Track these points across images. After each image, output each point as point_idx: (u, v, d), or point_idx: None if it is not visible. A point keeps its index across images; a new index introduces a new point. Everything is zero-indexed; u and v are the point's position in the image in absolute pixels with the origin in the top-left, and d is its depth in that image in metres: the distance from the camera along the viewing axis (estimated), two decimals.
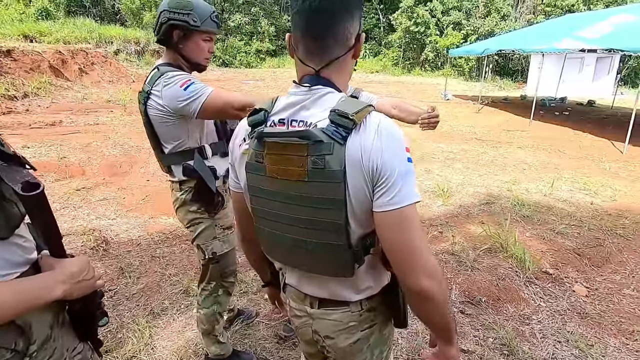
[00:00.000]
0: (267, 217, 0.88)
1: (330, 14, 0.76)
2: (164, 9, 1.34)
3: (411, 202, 0.74)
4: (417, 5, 20.43)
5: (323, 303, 0.92)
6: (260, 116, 0.85)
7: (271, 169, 0.81)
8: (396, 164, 0.74)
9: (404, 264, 0.76)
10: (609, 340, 2.21)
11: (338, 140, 0.73)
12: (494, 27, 18.64)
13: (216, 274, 1.61)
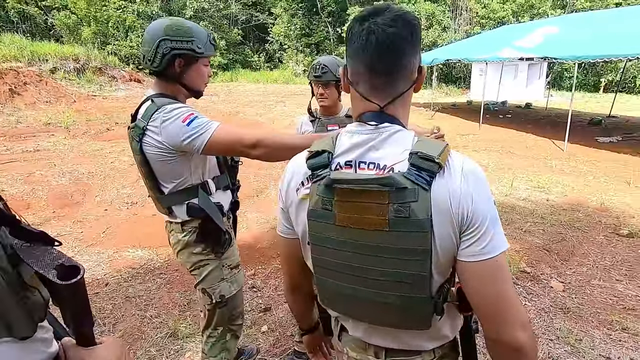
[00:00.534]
0: (332, 268, 0.79)
1: (398, 49, 0.72)
2: (161, 37, 1.21)
3: (503, 250, 0.70)
4: None
5: (391, 353, 0.85)
6: (323, 159, 0.77)
7: (342, 217, 0.73)
8: (487, 210, 0.69)
9: (498, 316, 0.70)
10: (594, 332, 2.35)
11: (423, 185, 0.67)
12: (436, 38, 19.86)
13: (223, 319, 1.46)
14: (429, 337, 0.82)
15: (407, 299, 0.73)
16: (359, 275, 0.75)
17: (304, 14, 25.67)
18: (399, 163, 0.71)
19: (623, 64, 14.31)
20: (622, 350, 2.20)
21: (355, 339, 0.89)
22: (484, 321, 0.73)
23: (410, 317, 0.76)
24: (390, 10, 0.73)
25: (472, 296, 0.72)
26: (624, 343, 2.25)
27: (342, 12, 24.65)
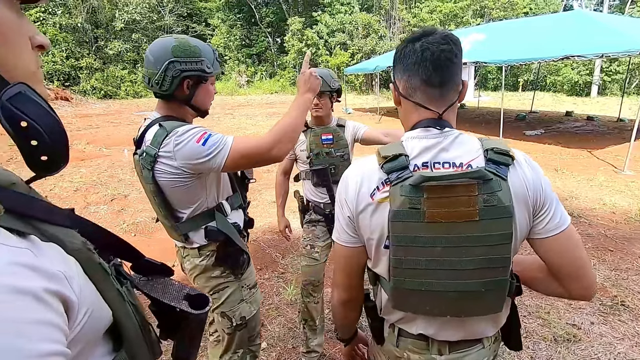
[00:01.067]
0: (418, 266, 0.81)
1: (450, 63, 0.81)
2: (170, 59, 1.15)
3: (569, 221, 0.83)
4: (305, 28, 21.66)
5: (454, 346, 0.89)
6: (402, 161, 0.81)
7: (433, 213, 0.77)
8: (552, 193, 0.82)
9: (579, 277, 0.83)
10: (558, 305, 2.64)
11: (502, 176, 0.76)
12: (374, 46, 20.87)
13: (243, 340, 1.42)
14: (493, 322, 0.89)
15: (492, 283, 0.79)
16: (447, 268, 0.79)
17: (243, 25, 25.47)
18: (475, 160, 0.80)
19: (536, 66, 16.18)
20: (583, 316, 2.51)
21: (417, 340, 0.91)
22: (566, 283, 0.85)
23: (490, 301, 0.82)
24: (438, 31, 0.83)
25: (556, 266, 0.84)
26: (583, 310, 2.57)
27: (282, 23, 24.88)
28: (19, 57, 0.41)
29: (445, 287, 0.81)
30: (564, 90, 19.54)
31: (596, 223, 4.02)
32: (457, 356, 0.89)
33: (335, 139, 1.99)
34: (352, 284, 0.96)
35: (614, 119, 10.44)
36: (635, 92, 16.38)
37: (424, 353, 0.91)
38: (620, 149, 7.04)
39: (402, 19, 22.11)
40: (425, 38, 0.82)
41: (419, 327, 0.90)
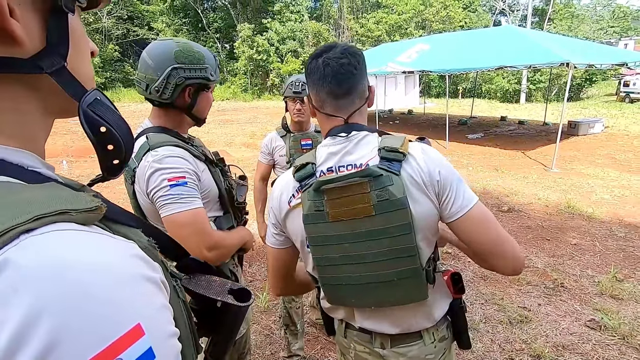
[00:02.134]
0: (335, 262, 0.89)
1: (351, 75, 0.88)
2: (172, 65, 1.06)
3: (475, 200, 0.85)
4: (255, 35, 21.54)
5: (395, 340, 0.95)
6: (309, 169, 0.89)
7: (334, 213, 0.84)
8: (451, 174, 0.85)
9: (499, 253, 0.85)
10: (510, 290, 2.92)
11: (394, 171, 0.82)
12: None
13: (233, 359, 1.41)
14: (429, 315, 0.95)
15: (403, 271, 0.85)
16: (359, 262, 0.87)
17: (189, 30, 24.71)
18: (372, 159, 0.86)
19: (473, 75, 17.59)
20: (531, 299, 2.80)
21: (361, 333, 0.98)
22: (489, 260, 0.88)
23: (409, 289, 0.87)
24: (338, 46, 0.90)
25: (472, 244, 0.87)
26: (531, 293, 2.87)
27: (230, 29, 24.52)
28: (87, 64, 0.43)
29: (360, 280, 0.88)
30: (497, 97, 21.44)
31: (534, 216, 4.49)
32: (399, 351, 0.96)
33: (314, 144, 2.05)
34: (281, 281, 1.06)
35: (541, 123, 11.67)
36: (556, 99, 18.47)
37: (367, 345, 0.98)
38: (547, 150, 7.90)
39: (350, 28, 22.87)
40: (326, 54, 0.88)
41: (357, 322, 0.98)
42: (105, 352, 0.27)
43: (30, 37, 0.35)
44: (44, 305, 0.25)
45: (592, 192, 5.29)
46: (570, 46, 8.51)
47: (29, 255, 0.27)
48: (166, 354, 0.31)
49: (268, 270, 1.08)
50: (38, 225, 0.28)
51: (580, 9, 29.87)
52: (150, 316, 0.31)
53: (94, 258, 0.29)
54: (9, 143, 0.36)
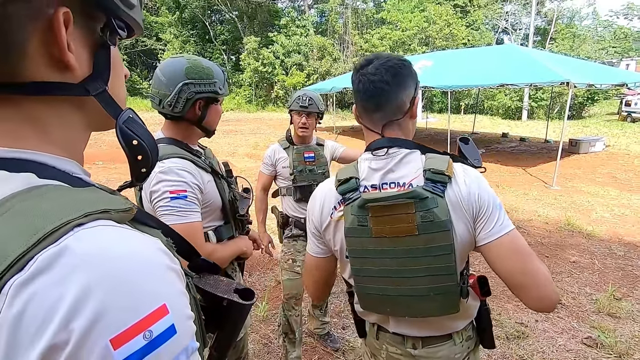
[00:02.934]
0: (373, 275, 0.93)
1: (382, 90, 0.90)
2: (183, 81, 1.13)
3: (512, 228, 0.86)
4: (261, 47, 21.94)
5: (427, 341, 0.99)
6: (352, 183, 0.92)
7: (377, 229, 0.88)
8: (490, 198, 0.87)
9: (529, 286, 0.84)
10: (507, 306, 2.94)
11: (439, 194, 0.84)
12: (329, 68, 21.66)
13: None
14: (460, 317, 0.97)
15: (440, 288, 0.88)
16: (397, 276, 0.90)
17: (197, 41, 25.17)
18: (415, 179, 0.89)
19: (475, 91, 17.79)
20: (528, 315, 2.81)
21: (393, 335, 1.02)
22: (517, 291, 0.87)
23: (443, 304, 0.90)
24: (376, 59, 0.92)
25: (502, 272, 0.86)
26: (528, 310, 2.85)
27: (237, 41, 24.98)
28: (122, 87, 0.51)
29: (398, 292, 0.92)
30: (499, 113, 21.63)
31: (534, 232, 4.51)
32: (430, 351, 0.99)
33: (317, 157, 2.12)
34: (320, 288, 1.11)
35: (542, 140, 11.76)
36: (558, 117, 18.62)
37: (400, 347, 1.02)
38: (548, 167, 7.95)
39: (354, 43, 23.25)
40: (363, 70, 0.92)
41: (391, 327, 1.02)
42: (138, 324, 0.33)
43: (80, 65, 0.43)
44: (94, 283, 0.32)
45: (592, 210, 5.31)
46: (571, 66, 8.66)
47: (82, 244, 0.33)
48: (185, 332, 0.37)
49: (307, 278, 1.12)
50: (87, 220, 0.35)
51: (582, 29, 30.32)
52: (173, 299, 0.37)
53: (130, 249, 0.36)
54: (58, 153, 0.43)
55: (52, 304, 0.30)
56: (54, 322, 0.30)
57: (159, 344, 0.34)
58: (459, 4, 27.03)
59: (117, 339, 0.31)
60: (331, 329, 2.54)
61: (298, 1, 27.59)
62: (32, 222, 0.33)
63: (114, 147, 9.73)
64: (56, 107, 0.43)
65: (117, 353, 0.31)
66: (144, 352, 0.33)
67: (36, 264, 0.31)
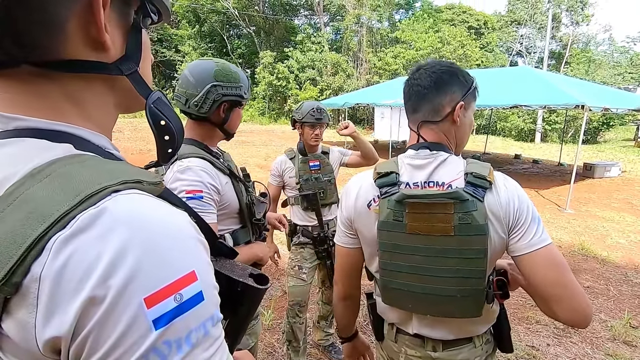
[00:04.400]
0: (402, 270, 0.93)
1: (420, 95, 0.97)
2: (212, 83, 1.16)
3: (549, 242, 0.86)
4: (277, 62, 22.39)
5: (447, 344, 0.99)
6: (392, 178, 0.94)
7: (413, 226, 0.89)
8: (528, 211, 0.87)
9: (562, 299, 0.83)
10: (518, 328, 2.85)
11: (479, 198, 0.85)
12: (342, 84, 21.92)
13: None
14: (482, 321, 0.99)
15: (467, 291, 0.89)
16: (426, 274, 0.91)
17: (214, 54, 25.80)
18: (456, 180, 0.90)
19: (488, 112, 17.75)
20: (540, 338, 2.73)
21: (413, 337, 1.02)
22: (548, 304, 0.86)
23: (468, 307, 0.91)
24: (425, 66, 0.99)
25: (534, 283, 0.86)
26: (540, 333, 2.80)
27: (253, 55, 25.56)
28: (150, 70, 0.54)
29: (424, 290, 0.92)
30: (512, 135, 21.47)
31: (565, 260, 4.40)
32: (450, 353, 0.99)
33: (322, 165, 2.14)
34: (350, 281, 1.10)
35: (555, 163, 11.59)
36: (572, 140, 18.40)
37: (419, 349, 1.01)
38: (561, 190, 7.81)
39: (368, 60, 23.57)
40: (412, 74, 1.01)
41: (414, 328, 1.01)
42: (170, 286, 0.34)
43: (114, 46, 0.45)
44: (131, 243, 0.33)
45: (607, 236, 5.18)
46: (586, 89, 8.60)
47: (118, 207, 0.35)
48: (212, 300, 0.38)
49: (336, 269, 1.13)
50: (123, 188, 0.37)
51: (598, 54, 30.26)
52: (202, 267, 0.38)
53: (163, 216, 0.38)
54: (93, 129, 0.46)
55: (92, 261, 0.32)
56: (93, 277, 0.32)
57: (188, 307, 0.35)
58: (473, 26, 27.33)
59: (150, 299, 0.33)
60: (336, 340, 2.50)
61: (314, 18, 28.22)
62: (74, 185, 0.35)
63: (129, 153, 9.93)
64: (92, 86, 0.45)
65: (150, 312, 0.33)
66: (174, 313, 0.34)
67: (78, 222, 0.33)
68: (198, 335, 0.36)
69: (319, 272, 2.32)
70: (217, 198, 1.19)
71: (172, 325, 0.34)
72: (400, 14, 31.45)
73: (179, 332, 0.34)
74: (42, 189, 0.35)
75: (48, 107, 0.42)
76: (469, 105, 0.98)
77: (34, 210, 0.33)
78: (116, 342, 0.32)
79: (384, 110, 15.32)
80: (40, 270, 0.32)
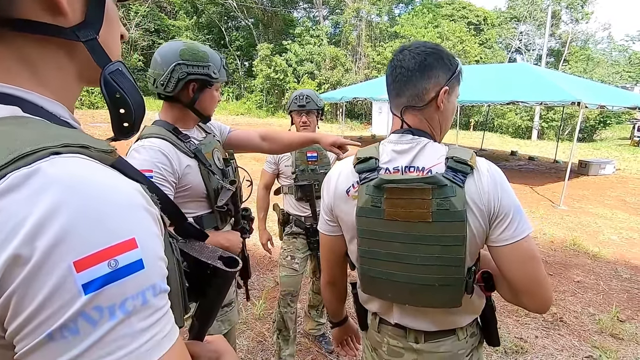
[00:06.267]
0: (380, 257, 0.91)
1: (401, 78, 0.92)
2: (176, 62, 1.16)
3: (528, 232, 0.84)
4: (274, 55, 22.22)
5: (429, 336, 0.97)
6: (371, 163, 0.91)
7: (391, 212, 0.86)
8: (511, 202, 0.84)
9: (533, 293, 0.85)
10: (507, 320, 2.88)
11: (458, 183, 0.82)
12: (340, 78, 21.82)
13: None
14: (464, 312, 0.96)
15: (446, 279, 0.86)
16: (405, 262, 0.89)
17: (212, 46, 25.53)
18: (436, 166, 0.87)
19: (485, 109, 17.76)
20: (528, 331, 2.76)
21: (395, 328, 1.00)
22: (519, 295, 0.87)
23: (446, 296, 0.89)
24: (412, 46, 0.93)
25: (508, 276, 0.86)
26: (529, 325, 2.83)
27: (251, 48, 25.34)
28: (115, 42, 0.51)
29: (402, 278, 0.90)
30: (508, 132, 21.50)
31: (539, 251, 4.44)
32: (432, 345, 0.97)
33: (320, 157, 2.12)
34: (333, 268, 1.09)
35: (551, 160, 11.64)
36: (568, 138, 18.45)
37: (401, 340, 1.00)
38: (556, 187, 7.85)
39: (367, 55, 23.44)
40: (396, 55, 0.95)
41: (394, 318, 1.00)
42: (104, 252, 0.33)
43: (72, 11, 0.44)
44: (61, 205, 0.33)
45: (600, 232, 5.22)
46: (583, 86, 8.63)
47: (55, 169, 0.34)
48: (154, 270, 0.37)
49: (321, 257, 1.13)
50: (65, 151, 0.36)
51: (596, 52, 30.25)
52: (145, 236, 0.37)
53: (106, 181, 0.37)
54: (49, 96, 0.44)
55: (18, 220, 0.31)
56: (18, 237, 0.31)
57: (123, 274, 0.34)
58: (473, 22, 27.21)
59: (80, 262, 0.32)
60: (327, 331, 2.52)
61: (313, 12, 27.99)
62: (9, 145, 0.34)
63: None
64: (48, 50, 0.44)
65: (79, 276, 0.32)
66: (107, 279, 0.33)
67: (8, 181, 0.32)
68: (135, 303, 0.35)
69: (311, 262, 2.33)
70: (173, 179, 1.18)
71: (104, 291, 0.33)
72: (400, 9, 31.25)
73: (112, 298, 0.33)
74: None
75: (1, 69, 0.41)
76: (453, 89, 0.94)
77: None
78: (42, 303, 0.31)
79: (381, 105, 15.27)
80: None
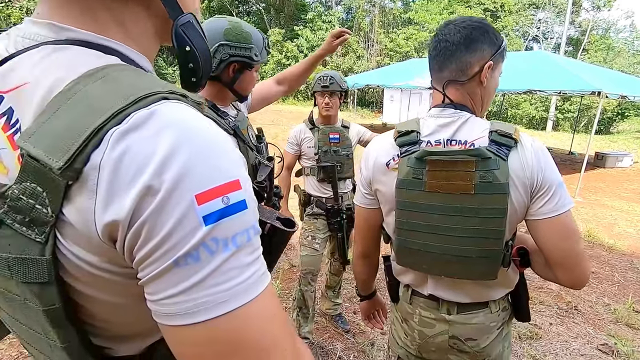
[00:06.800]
0: (418, 229, 0.93)
1: (445, 52, 0.92)
2: (220, 42, 1.15)
3: (570, 206, 0.85)
4: (285, 40, 22.01)
5: (462, 307, 0.99)
6: (413, 137, 0.92)
7: (432, 184, 0.88)
8: (554, 177, 0.85)
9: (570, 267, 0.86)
10: None
11: (502, 156, 0.83)
12: (352, 65, 21.58)
13: None
14: (498, 285, 0.98)
15: (484, 251, 0.88)
16: (443, 234, 0.90)
17: None
18: (479, 139, 0.88)
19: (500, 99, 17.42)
20: (543, 318, 2.77)
21: (428, 299, 1.02)
22: (555, 270, 0.88)
23: (483, 268, 0.90)
24: (456, 21, 0.94)
25: (547, 249, 0.87)
26: (543, 312, 2.84)
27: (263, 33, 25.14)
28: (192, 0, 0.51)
29: (440, 250, 0.92)
30: (523, 123, 21.12)
31: None
32: (465, 317, 0.99)
33: (342, 139, 2.13)
34: (367, 241, 1.11)
35: (566, 152, 11.43)
36: (584, 130, 18.08)
37: (433, 311, 1.02)
38: (571, 178, 7.73)
39: (379, 42, 23.07)
40: (440, 30, 0.95)
41: (429, 289, 1.02)
42: (219, 188, 0.36)
43: None
44: (182, 143, 0.35)
45: (615, 225, 5.16)
46: (604, 76, 8.38)
47: (169, 111, 0.37)
48: (253, 211, 0.40)
49: (355, 230, 1.14)
50: (172, 97, 0.38)
51: (618, 41, 29.26)
52: (245, 178, 0.39)
53: (211, 127, 0.39)
54: (137, 49, 0.46)
55: (147, 155, 0.34)
56: (149, 169, 0.33)
57: (233, 211, 0.37)
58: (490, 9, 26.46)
59: (201, 196, 0.35)
60: (343, 311, 2.57)
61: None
62: (127, 88, 0.37)
63: None
64: (129, 5, 0.45)
65: (200, 208, 0.35)
66: (221, 213, 0.36)
67: (133, 119, 0.35)
68: (242, 239, 0.37)
69: (329, 243, 2.36)
70: None
71: (220, 224, 0.35)
72: None
73: (226, 231, 0.36)
74: (98, 88, 0.36)
75: (94, 21, 0.43)
76: (497, 65, 0.94)
77: (91, 105, 0.35)
78: (170, 232, 0.34)
79: (393, 93, 15.11)
80: (100, 159, 0.33)
